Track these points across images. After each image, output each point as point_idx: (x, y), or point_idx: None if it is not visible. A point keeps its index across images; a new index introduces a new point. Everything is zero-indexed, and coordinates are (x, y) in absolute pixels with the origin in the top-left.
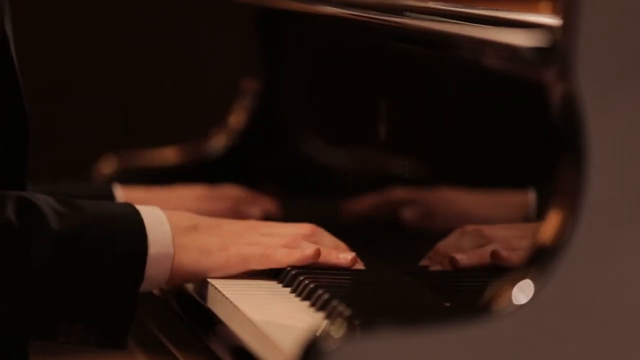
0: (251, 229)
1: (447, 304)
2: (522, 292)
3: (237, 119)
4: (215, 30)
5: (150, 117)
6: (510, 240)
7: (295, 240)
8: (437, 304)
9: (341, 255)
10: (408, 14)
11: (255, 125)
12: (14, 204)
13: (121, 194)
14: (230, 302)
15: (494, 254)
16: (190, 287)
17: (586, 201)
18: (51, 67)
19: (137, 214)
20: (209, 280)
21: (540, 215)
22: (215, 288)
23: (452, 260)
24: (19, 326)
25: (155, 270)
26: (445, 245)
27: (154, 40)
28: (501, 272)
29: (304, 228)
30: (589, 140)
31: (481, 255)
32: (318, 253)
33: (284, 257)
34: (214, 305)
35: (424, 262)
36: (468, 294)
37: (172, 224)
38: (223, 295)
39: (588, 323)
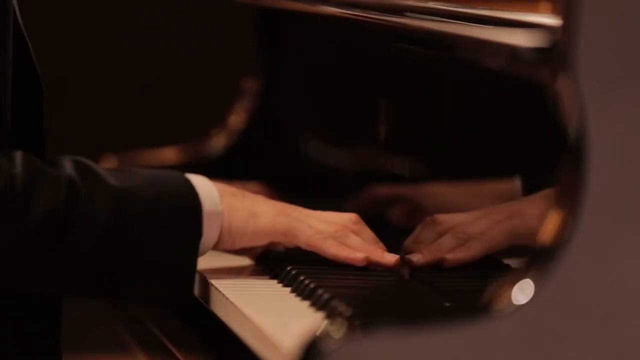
0: (296, 209)
1: (447, 304)
2: (522, 292)
3: (237, 119)
4: (215, 30)
5: (150, 117)
6: (463, 227)
7: (343, 230)
8: (437, 304)
9: (387, 256)
10: (408, 14)
11: (255, 125)
12: (72, 163)
13: None
14: (231, 302)
15: (443, 260)
16: None
17: (586, 201)
18: (51, 67)
19: (183, 175)
20: (209, 280)
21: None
22: (216, 288)
23: (408, 261)
24: (87, 286)
25: (208, 228)
26: (410, 241)
27: (154, 40)
28: (501, 271)
29: (350, 217)
30: (589, 140)
31: (436, 251)
32: (365, 262)
33: (331, 248)
34: (214, 305)
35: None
36: (468, 294)
37: (219, 188)
38: (223, 295)
39: (588, 323)
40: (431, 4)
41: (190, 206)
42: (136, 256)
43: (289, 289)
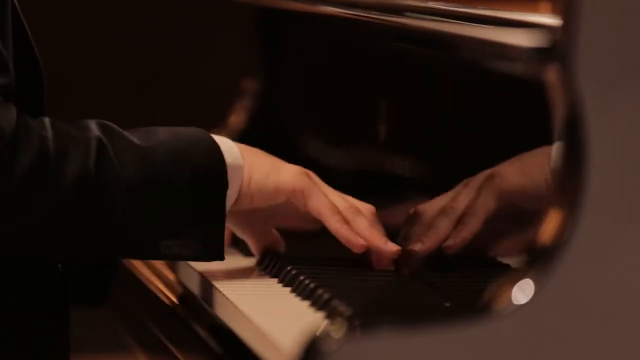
0: (317, 177)
1: (447, 304)
2: (522, 292)
3: (237, 119)
4: (215, 30)
5: (151, 117)
6: (449, 204)
7: (355, 209)
8: (437, 304)
9: (389, 244)
10: (408, 14)
11: (255, 125)
12: (97, 125)
13: None
14: (231, 302)
15: (446, 249)
16: (190, 286)
17: (586, 201)
18: (51, 67)
19: (202, 130)
20: (209, 280)
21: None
22: (216, 288)
23: (411, 252)
24: (123, 246)
25: (230, 181)
26: (400, 240)
27: (154, 40)
28: (501, 271)
29: (367, 206)
30: (589, 140)
31: (435, 236)
32: (362, 249)
33: (336, 223)
34: (215, 305)
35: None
36: (468, 294)
37: (238, 146)
38: (224, 295)
39: (588, 323)
40: (431, 4)
41: (213, 157)
42: (167, 212)
43: (289, 289)
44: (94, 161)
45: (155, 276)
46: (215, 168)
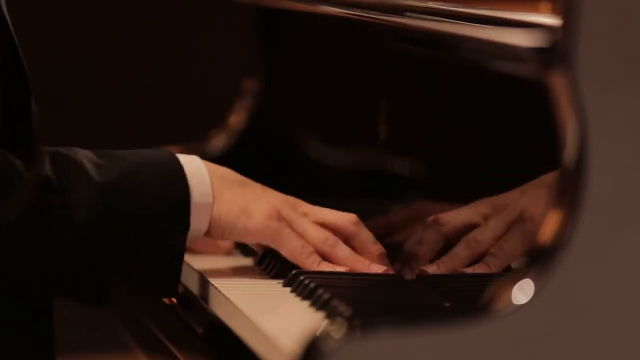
0: (292, 204)
1: (447, 304)
2: (522, 292)
3: (237, 119)
4: (215, 30)
5: (150, 117)
6: (475, 235)
7: (333, 240)
8: (437, 304)
9: (373, 267)
10: (408, 14)
11: (255, 125)
12: (51, 159)
13: None
14: (231, 302)
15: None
16: (190, 286)
17: (586, 201)
18: (51, 67)
19: (176, 160)
20: (209, 279)
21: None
22: (216, 288)
23: (423, 272)
24: (70, 283)
25: (196, 219)
26: (411, 243)
27: (154, 40)
28: (501, 271)
29: (347, 217)
30: (589, 140)
31: (451, 263)
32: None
33: (312, 266)
34: (214, 305)
35: (395, 266)
36: (468, 294)
37: (215, 175)
38: (223, 295)
39: (588, 323)
40: (431, 4)
41: (178, 198)
42: (122, 250)
43: (289, 289)
44: (39, 204)
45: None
46: (179, 210)
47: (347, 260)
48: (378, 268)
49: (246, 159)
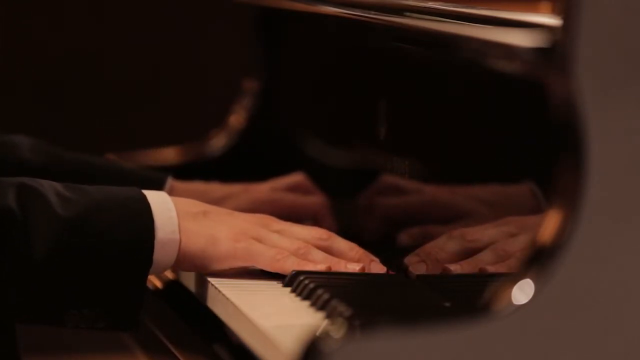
0: (263, 224)
1: (447, 304)
2: (522, 292)
3: (237, 119)
4: (215, 30)
5: (150, 117)
6: (501, 244)
7: (306, 247)
8: (437, 304)
9: (349, 265)
10: (408, 14)
11: (255, 125)
12: (15, 190)
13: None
14: (231, 302)
15: (482, 270)
16: (190, 286)
17: (586, 201)
18: (51, 67)
19: (143, 198)
20: (209, 279)
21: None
22: (215, 288)
23: (446, 270)
24: (27, 314)
25: (162, 255)
26: (432, 246)
27: (154, 40)
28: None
29: (318, 232)
30: (589, 140)
31: (475, 264)
32: (329, 269)
33: (293, 266)
34: (214, 305)
35: (409, 259)
36: (468, 294)
37: (180, 209)
38: (223, 295)
39: (588, 323)
40: (431, 4)
41: (142, 234)
42: (81, 286)
43: (288, 288)
44: None
45: (155, 276)
46: (141, 249)
47: (324, 263)
48: (355, 266)
49: (246, 159)
